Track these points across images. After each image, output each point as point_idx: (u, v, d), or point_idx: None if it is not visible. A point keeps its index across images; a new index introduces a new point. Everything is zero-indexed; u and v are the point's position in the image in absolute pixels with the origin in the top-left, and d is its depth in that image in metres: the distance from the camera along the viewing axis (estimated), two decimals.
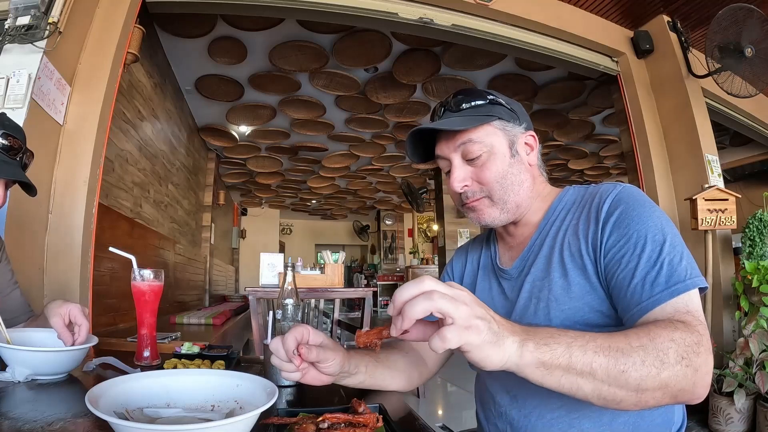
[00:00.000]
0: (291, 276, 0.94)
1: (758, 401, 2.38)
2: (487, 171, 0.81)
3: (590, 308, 0.73)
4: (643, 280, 0.66)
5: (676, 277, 0.64)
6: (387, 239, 11.66)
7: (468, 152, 0.81)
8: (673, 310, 0.63)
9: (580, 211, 0.79)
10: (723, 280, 2.84)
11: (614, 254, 0.70)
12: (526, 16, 2.93)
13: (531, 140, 0.87)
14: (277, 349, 0.67)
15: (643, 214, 0.71)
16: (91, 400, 0.50)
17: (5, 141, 0.99)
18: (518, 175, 0.83)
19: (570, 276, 0.75)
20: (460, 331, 0.48)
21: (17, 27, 1.68)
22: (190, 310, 4.18)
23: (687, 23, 3.18)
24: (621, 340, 0.55)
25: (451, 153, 0.83)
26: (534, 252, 0.83)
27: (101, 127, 1.98)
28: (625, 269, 0.68)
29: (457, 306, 0.49)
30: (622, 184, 0.77)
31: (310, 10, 2.68)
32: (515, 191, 0.83)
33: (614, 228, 0.72)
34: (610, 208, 0.74)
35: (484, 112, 0.82)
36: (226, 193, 7.61)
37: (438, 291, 0.49)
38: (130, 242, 3.00)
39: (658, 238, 0.68)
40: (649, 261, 0.66)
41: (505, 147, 0.83)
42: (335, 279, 2.72)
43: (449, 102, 0.85)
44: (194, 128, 5.34)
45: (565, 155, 6.43)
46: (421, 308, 0.49)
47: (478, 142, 0.81)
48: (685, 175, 3.05)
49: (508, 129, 0.84)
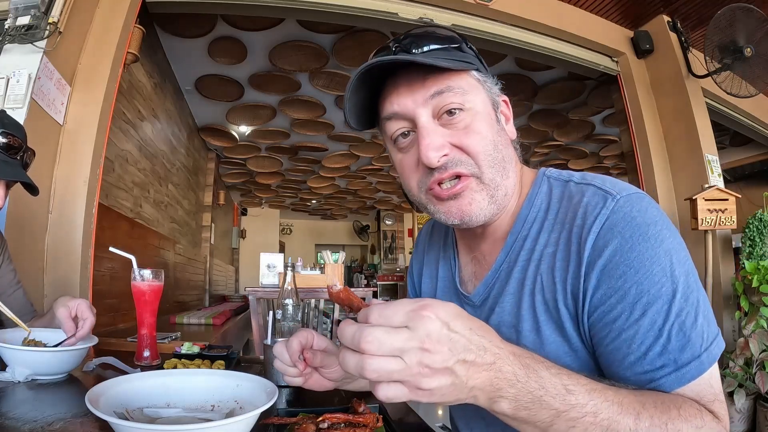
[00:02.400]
0: (291, 276, 0.94)
1: (758, 401, 2.38)
2: (473, 135, 0.57)
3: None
4: (643, 356, 0.49)
5: (689, 353, 0.48)
6: (387, 239, 11.65)
7: (445, 106, 0.57)
8: (696, 396, 0.49)
9: (559, 230, 0.58)
10: (723, 280, 2.84)
11: (602, 315, 0.52)
12: (526, 16, 2.93)
13: (505, 108, 0.66)
14: (281, 353, 0.66)
15: (646, 254, 0.50)
16: (91, 400, 0.50)
17: (5, 140, 0.97)
18: (506, 149, 0.61)
19: (543, 332, 0.57)
20: (406, 396, 0.38)
21: (17, 27, 1.68)
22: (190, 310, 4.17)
23: (687, 23, 3.18)
24: (627, 423, 0.43)
25: (417, 107, 0.58)
26: (501, 280, 0.63)
27: (101, 127, 1.98)
28: (617, 339, 0.51)
29: (402, 371, 0.37)
30: (615, 193, 0.55)
31: (310, 10, 2.68)
32: (506, 171, 0.60)
33: (603, 276, 0.52)
34: (598, 242, 0.53)
35: (460, 57, 0.59)
36: (226, 193, 7.61)
37: (373, 355, 0.37)
38: (130, 242, 3.00)
39: (666, 291, 0.50)
40: (652, 329, 0.49)
41: (489, 107, 0.60)
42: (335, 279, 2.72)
43: (406, 40, 0.59)
44: (194, 128, 5.34)
45: (565, 155, 6.43)
46: (351, 367, 0.38)
47: (459, 93, 0.57)
48: (685, 175, 3.05)
49: (489, 86, 0.62)
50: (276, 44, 3.62)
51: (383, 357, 0.37)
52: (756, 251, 2.74)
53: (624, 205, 0.53)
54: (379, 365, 0.37)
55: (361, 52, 3.71)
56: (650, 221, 0.52)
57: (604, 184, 0.57)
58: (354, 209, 11.52)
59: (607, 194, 0.55)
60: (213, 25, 3.32)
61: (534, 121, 5.16)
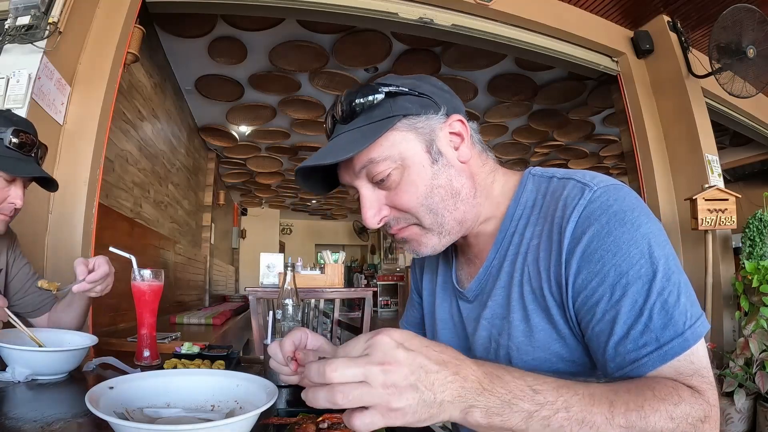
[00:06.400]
0: (291, 276, 0.94)
1: (758, 401, 2.38)
2: (403, 194, 0.62)
3: (558, 358, 0.59)
4: (625, 336, 0.51)
5: (671, 330, 0.49)
6: (387, 239, 11.65)
7: (373, 175, 0.61)
8: (675, 373, 0.49)
9: (542, 223, 0.61)
10: (723, 280, 2.84)
11: (585, 300, 0.54)
12: (526, 16, 2.93)
13: (458, 127, 0.64)
14: (275, 353, 0.66)
15: (622, 238, 0.53)
16: (91, 400, 0.50)
17: (17, 139, 0.96)
18: (449, 184, 0.63)
19: (532, 320, 0.60)
20: (378, 420, 0.39)
21: (17, 27, 1.68)
22: (190, 310, 4.18)
23: (687, 23, 3.18)
24: (602, 410, 0.43)
25: (354, 180, 0.64)
26: (492, 275, 0.67)
27: (101, 127, 1.98)
28: (600, 321, 0.53)
29: (370, 394, 0.39)
30: (593, 185, 0.57)
31: (310, 10, 2.68)
32: (450, 207, 0.63)
33: (583, 262, 0.54)
34: (576, 231, 0.55)
35: (382, 114, 0.61)
36: (226, 193, 7.62)
37: (338, 383, 0.39)
38: (130, 242, 3.00)
39: (645, 272, 0.51)
40: (633, 309, 0.51)
41: (421, 152, 0.62)
42: (335, 279, 2.72)
43: (337, 111, 0.64)
44: (194, 128, 5.34)
45: (565, 155, 6.43)
46: (321, 400, 0.40)
47: (381, 160, 0.61)
48: (685, 175, 3.05)
49: (420, 126, 0.62)
50: (276, 44, 3.62)
51: (349, 383, 0.39)
52: (756, 251, 2.74)
53: (601, 195, 0.56)
54: (348, 390, 0.39)
55: (361, 52, 3.71)
56: (627, 208, 0.54)
57: (584, 177, 0.60)
58: (354, 209, 11.52)
59: (585, 186, 0.58)
60: (213, 25, 3.32)
61: (534, 121, 5.16)
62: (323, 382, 0.40)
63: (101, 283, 1.01)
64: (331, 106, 0.66)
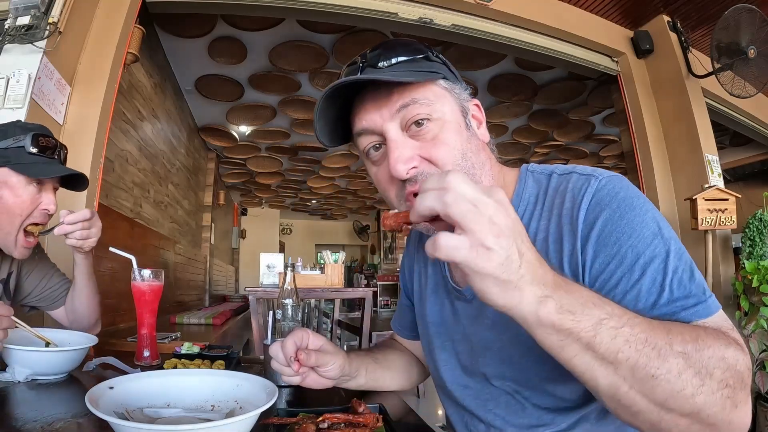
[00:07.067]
0: (291, 276, 0.94)
1: (758, 401, 2.38)
2: (442, 146, 0.58)
3: None
4: (652, 307, 0.51)
5: (693, 299, 0.50)
6: (387, 239, 11.64)
7: (411, 118, 0.58)
8: (713, 324, 0.49)
9: (548, 217, 0.61)
10: (723, 280, 2.84)
11: (604, 283, 0.54)
12: (526, 16, 2.93)
13: (477, 111, 0.66)
14: (277, 354, 0.66)
15: (635, 220, 0.54)
16: (91, 400, 0.50)
17: (38, 143, 0.94)
18: (477, 154, 0.62)
19: None
20: (463, 247, 0.38)
21: (17, 27, 1.68)
22: (190, 310, 4.17)
23: (687, 23, 3.18)
24: (661, 336, 0.43)
25: (385, 122, 0.59)
26: None
27: (101, 127, 1.98)
28: (622, 302, 0.51)
29: (474, 216, 0.37)
30: (598, 175, 0.59)
31: (310, 10, 2.68)
32: (475, 178, 0.60)
33: (599, 246, 0.55)
34: (589, 216, 0.56)
35: (425, 68, 0.60)
36: (226, 193, 7.61)
37: (456, 191, 0.38)
38: (130, 242, 3.00)
39: (660, 251, 0.52)
40: (653, 285, 0.51)
41: (458, 115, 0.61)
42: (335, 279, 2.72)
43: (371, 55, 0.61)
44: (194, 128, 5.34)
45: (565, 155, 6.43)
46: (426, 206, 0.39)
47: (425, 103, 0.58)
48: (685, 175, 3.05)
49: (457, 92, 0.63)
50: (276, 44, 3.62)
51: (463, 197, 0.38)
52: (756, 251, 2.74)
53: (607, 183, 0.58)
54: (459, 199, 0.38)
55: (361, 52, 3.71)
56: (633, 195, 0.57)
57: (585, 170, 0.62)
58: (354, 209, 11.52)
59: (590, 176, 0.59)
60: (213, 25, 3.32)
61: (534, 121, 5.16)
62: (441, 186, 0.38)
63: (83, 229, 0.99)
64: (364, 52, 0.62)
